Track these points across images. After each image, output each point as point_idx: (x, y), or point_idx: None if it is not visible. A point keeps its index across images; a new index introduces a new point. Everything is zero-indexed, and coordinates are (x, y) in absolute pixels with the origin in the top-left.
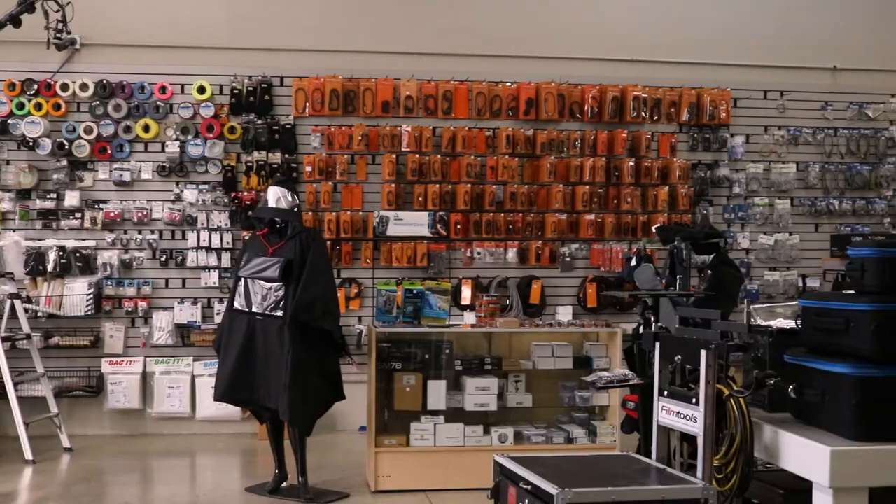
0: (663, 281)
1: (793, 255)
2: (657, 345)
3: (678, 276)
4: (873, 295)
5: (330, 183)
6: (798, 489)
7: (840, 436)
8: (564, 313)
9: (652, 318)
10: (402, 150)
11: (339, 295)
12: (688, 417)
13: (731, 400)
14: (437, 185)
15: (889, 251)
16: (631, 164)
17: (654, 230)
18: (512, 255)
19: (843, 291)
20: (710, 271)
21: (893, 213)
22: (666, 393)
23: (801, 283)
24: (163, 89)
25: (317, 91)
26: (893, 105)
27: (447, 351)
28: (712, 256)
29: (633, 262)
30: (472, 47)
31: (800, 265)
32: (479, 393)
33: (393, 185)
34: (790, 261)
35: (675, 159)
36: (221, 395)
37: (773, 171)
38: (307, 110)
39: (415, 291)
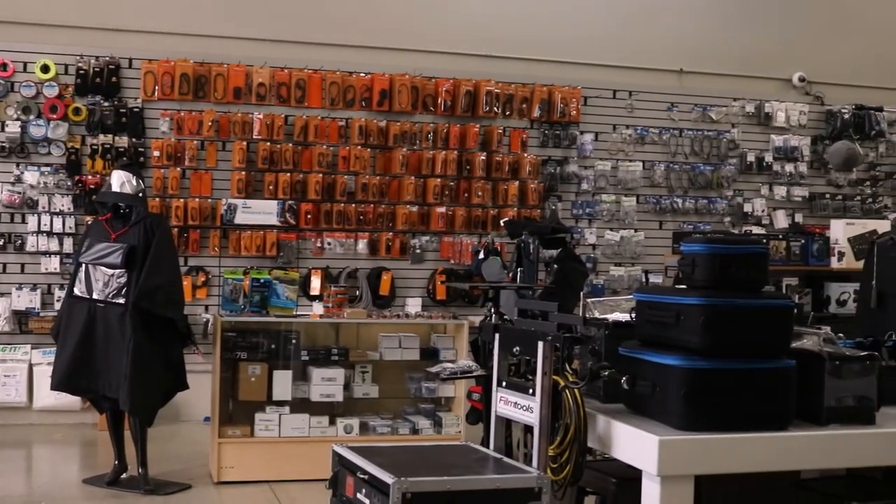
0: (510, 274)
1: (637, 252)
2: (497, 336)
3: (524, 270)
4: (703, 289)
5: (178, 169)
6: (630, 478)
7: (669, 425)
8: (413, 305)
9: (493, 311)
10: (254, 137)
11: (184, 283)
12: (524, 408)
13: (567, 391)
14: (288, 174)
15: (718, 247)
16: (482, 158)
17: (502, 224)
18: (362, 246)
19: (677, 286)
20: (555, 266)
21: (734, 213)
22: (504, 384)
23: (644, 279)
24: (3, 66)
25: (167, 74)
26: (735, 108)
27: (294, 341)
28: (558, 251)
29: (481, 255)
30: (327, 36)
31: (644, 261)
32: (326, 384)
33: (243, 172)
34: (635, 257)
35: (525, 155)
36: (59, 384)
37: (621, 169)
38: (156, 94)
39: (262, 280)
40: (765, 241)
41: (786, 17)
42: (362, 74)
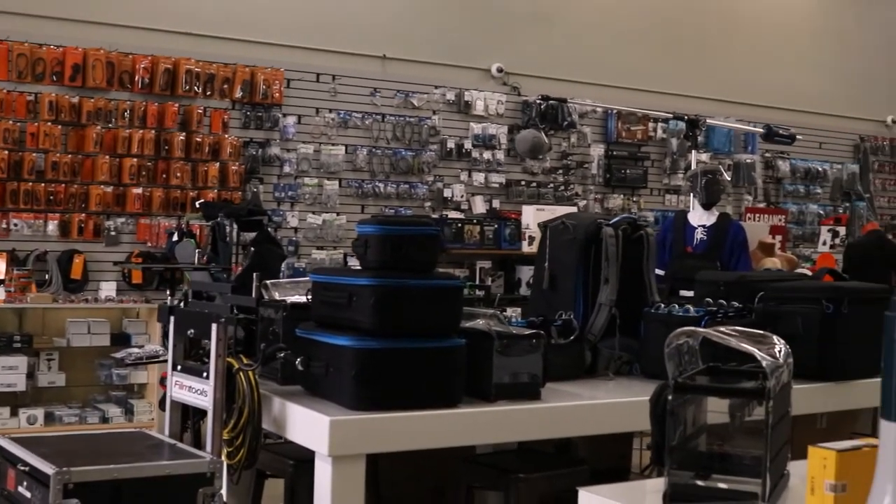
0: (205, 257)
1: (339, 235)
2: (172, 319)
3: (219, 253)
4: (374, 270)
5: None
6: (308, 459)
7: (342, 406)
8: (108, 289)
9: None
10: None
11: None
12: (199, 392)
13: (241, 374)
14: None
15: (390, 229)
16: (182, 138)
17: (197, 206)
18: (53, 227)
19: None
20: (252, 248)
21: (434, 198)
22: (179, 367)
23: (344, 262)
24: None
25: None
26: (436, 96)
27: None
28: (256, 234)
29: (175, 238)
30: (14, 4)
31: (346, 245)
32: (7, 372)
33: None
34: (337, 240)
35: (226, 136)
36: None
37: (324, 153)
38: None
39: None
40: (436, 223)
41: (486, 9)
42: (53, 47)
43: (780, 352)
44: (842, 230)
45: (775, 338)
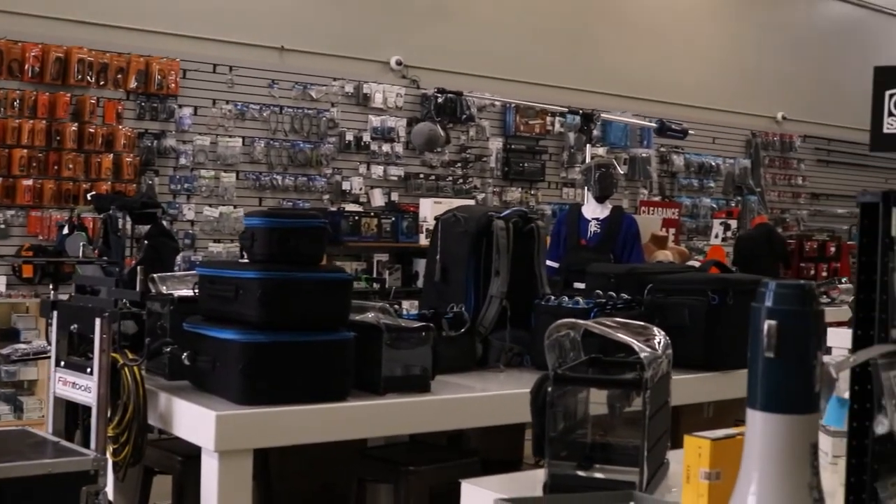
0: (96, 250)
1: (237, 228)
2: (55, 314)
3: (111, 246)
4: (261, 263)
5: None
6: (196, 455)
7: (229, 400)
8: None
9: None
10: None
11: None
12: (83, 388)
13: (126, 369)
14: None
15: (276, 221)
16: (74, 129)
17: (88, 198)
18: None
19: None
20: (146, 242)
21: (332, 191)
22: (63, 363)
23: (241, 255)
24: None
25: None
26: (335, 88)
27: None
28: (149, 227)
29: (66, 231)
30: None
31: None
32: None
33: None
34: (234, 233)
35: (121, 127)
36: None
37: (220, 145)
38: None
39: None
40: (333, 216)
41: (385, 1)
42: None
43: (659, 343)
44: (733, 223)
45: (656, 329)
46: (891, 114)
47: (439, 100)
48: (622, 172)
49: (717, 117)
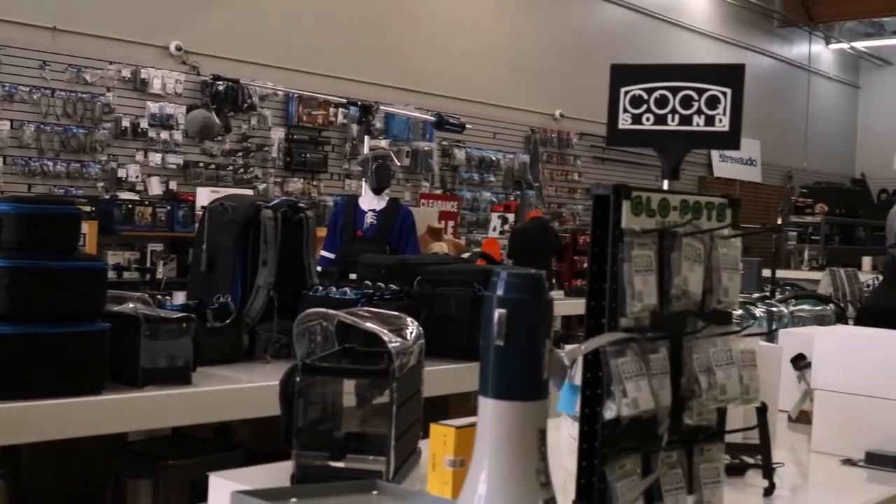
0: None
1: None
2: None
3: None
4: (9, 251)
5: None
6: None
7: None
8: None
9: None
10: None
11: None
12: None
13: None
14: None
15: (26, 207)
16: None
17: None
18: None
19: None
20: None
21: (108, 178)
22: None
23: None
24: None
25: None
26: (111, 72)
27: None
28: None
29: None
30: None
31: None
32: None
33: None
34: None
35: None
36: None
37: None
38: None
39: None
40: (105, 204)
41: None
42: None
43: (411, 333)
44: (511, 217)
45: (409, 320)
46: (626, 110)
47: (220, 87)
48: (399, 165)
49: (498, 113)
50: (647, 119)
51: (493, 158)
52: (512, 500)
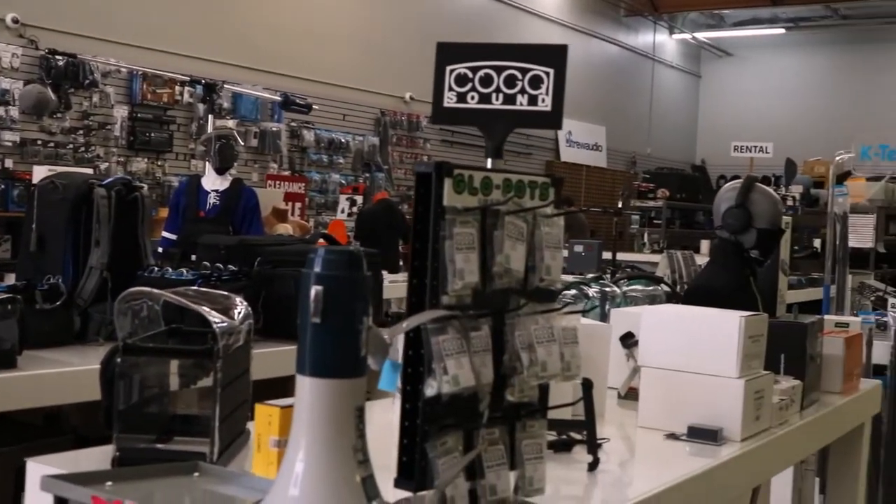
0: None
1: None
2: None
3: None
4: None
5: None
6: None
7: None
8: None
9: None
10: None
11: None
12: None
13: None
14: None
15: None
16: None
17: None
18: None
19: None
20: None
21: None
22: None
23: None
24: None
25: None
26: None
27: None
28: None
29: None
30: None
31: None
32: None
33: None
34: None
35: None
36: None
37: None
38: None
39: None
40: None
41: None
42: None
43: (239, 314)
44: (360, 199)
45: (238, 300)
46: (451, 88)
47: (59, 62)
48: (246, 145)
49: (347, 95)
50: (472, 97)
51: (343, 140)
52: (329, 479)
